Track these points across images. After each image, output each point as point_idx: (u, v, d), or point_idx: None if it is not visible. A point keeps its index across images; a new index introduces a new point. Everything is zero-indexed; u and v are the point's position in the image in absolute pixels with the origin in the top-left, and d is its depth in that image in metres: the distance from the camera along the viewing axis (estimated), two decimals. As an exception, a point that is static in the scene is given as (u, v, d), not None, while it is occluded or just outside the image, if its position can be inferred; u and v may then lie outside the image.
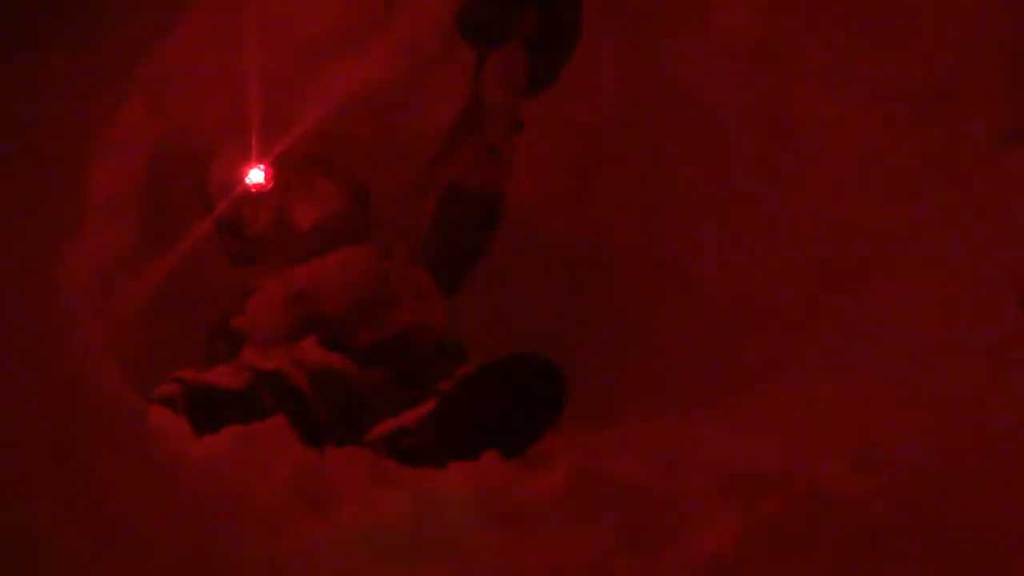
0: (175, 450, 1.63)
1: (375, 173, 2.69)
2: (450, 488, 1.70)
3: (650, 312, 2.52)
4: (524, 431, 1.88)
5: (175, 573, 1.29)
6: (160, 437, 1.58)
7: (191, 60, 2.63)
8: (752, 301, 2.39)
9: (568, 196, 2.64)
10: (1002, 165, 1.97)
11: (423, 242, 2.42)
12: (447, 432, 1.92)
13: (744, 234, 2.43)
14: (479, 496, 1.63)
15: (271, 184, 2.42)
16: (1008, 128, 1.96)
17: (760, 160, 2.39)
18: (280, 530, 1.50)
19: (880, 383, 2.01)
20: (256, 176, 2.40)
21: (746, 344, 2.34)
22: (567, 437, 2.00)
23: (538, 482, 1.67)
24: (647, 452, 1.83)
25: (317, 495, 1.61)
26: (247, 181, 2.41)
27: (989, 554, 1.50)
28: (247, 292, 2.36)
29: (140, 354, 2.35)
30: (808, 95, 2.28)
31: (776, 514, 1.54)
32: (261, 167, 2.40)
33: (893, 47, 2.14)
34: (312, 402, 2.09)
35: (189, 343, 2.35)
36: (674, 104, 2.49)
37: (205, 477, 1.57)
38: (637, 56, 2.53)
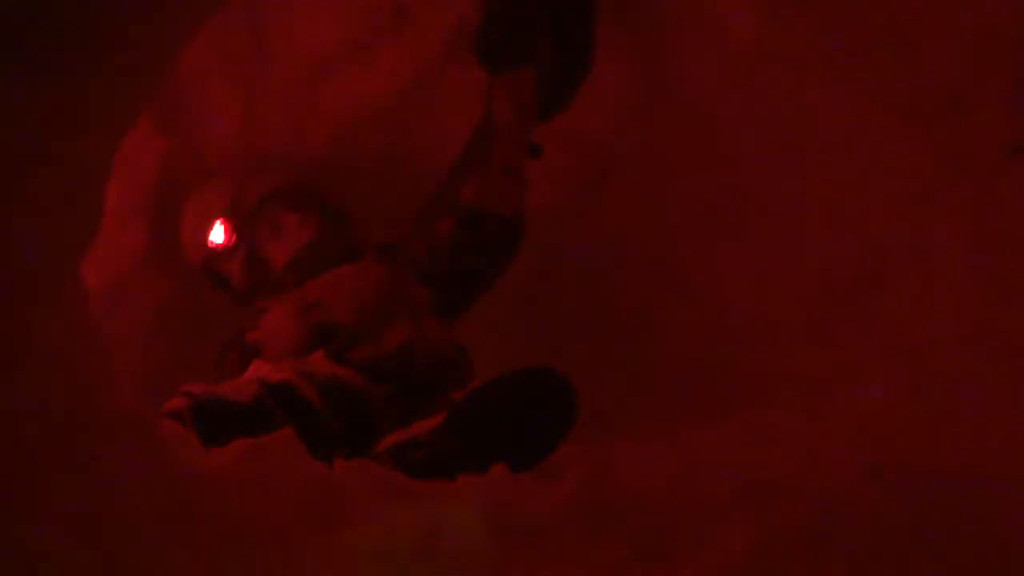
0: (185, 464, 1.63)
1: (382, 185, 2.70)
2: (461, 501, 1.69)
3: (660, 323, 2.52)
4: (535, 445, 1.88)
5: (186, 588, 1.29)
6: (170, 451, 1.58)
7: (200, 72, 2.64)
8: (762, 311, 2.38)
9: (576, 208, 2.64)
10: (1011, 175, 1.97)
11: (436, 263, 2.42)
12: (457, 444, 1.92)
13: (754, 245, 2.43)
14: (490, 509, 1.63)
15: (233, 238, 2.45)
16: (1017, 138, 1.96)
17: (769, 171, 2.39)
18: (290, 544, 1.49)
19: (891, 393, 2.00)
20: (217, 235, 2.44)
21: (756, 354, 2.33)
22: (578, 449, 1.99)
23: (549, 495, 1.67)
24: (659, 464, 1.83)
25: (327, 509, 1.61)
26: (210, 242, 2.45)
27: (1001, 564, 1.49)
28: (260, 310, 2.38)
29: (151, 367, 2.35)
30: (817, 107, 2.28)
31: (788, 525, 1.54)
32: (220, 224, 2.44)
33: (901, 57, 2.14)
34: (322, 415, 2.09)
35: (199, 356, 2.35)
36: (682, 115, 2.49)
37: (214, 491, 1.57)
38: (644, 67, 2.54)
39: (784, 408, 2.08)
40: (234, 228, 2.45)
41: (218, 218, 2.45)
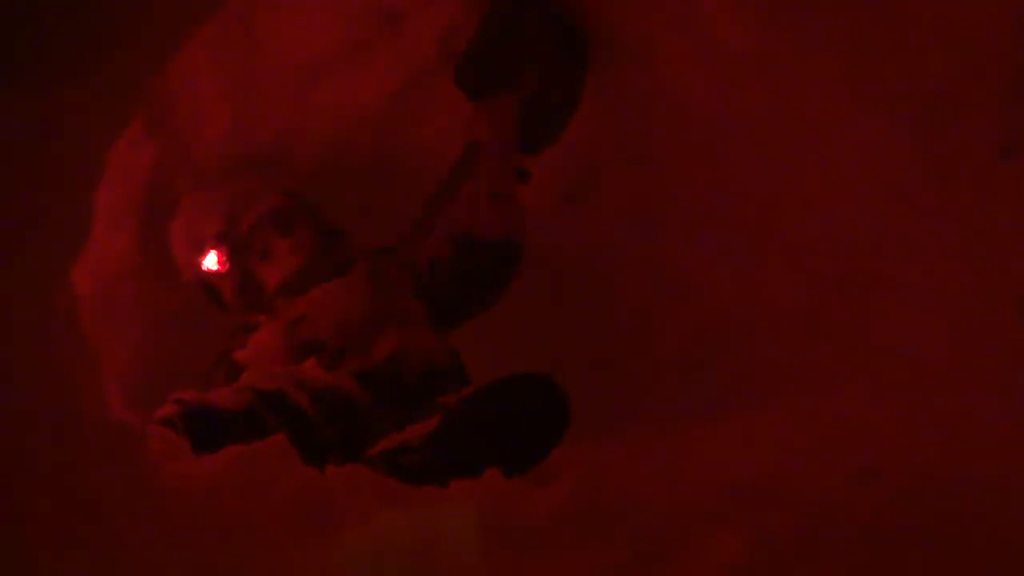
0: (176, 471, 1.62)
1: (372, 188, 2.70)
2: (453, 506, 1.69)
3: (652, 326, 2.52)
4: (528, 450, 1.88)
5: (177, 595, 1.28)
6: (160, 459, 1.57)
7: (191, 77, 2.64)
8: (754, 314, 2.38)
9: (570, 210, 2.64)
10: (1003, 177, 1.98)
11: (432, 285, 2.40)
12: (449, 449, 1.92)
13: (745, 247, 2.43)
14: (482, 514, 1.63)
15: (226, 265, 2.44)
16: (1009, 140, 1.96)
17: (759, 173, 2.39)
18: (282, 551, 1.49)
19: (883, 396, 2.01)
20: (211, 262, 2.44)
21: (749, 358, 2.33)
22: (570, 453, 1.99)
23: (542, 499, 1.67)
24: (651, 467, 1.83)
25: (319, 515, 1.60)
26: (204, 267, 2.45)
27: (993, 567, 1.49)
28: (248, 328, 2.37)
29: (141, 374, 2.35)
30: (809, 109, 2.28)
31: (784, 527, 1.54)
32: (213, 253, 2.44)
33: (892, 59, 2.15)
34: (314, 421, 2.09)
35: (190, 363, 2.35)
36: (675, 118, 2.49)
37: (206, 498, 1.56)
38: (635, 68, 2.54)
39: (778, 411, 2.08)
40: (227, 256, 2.44)
41: (210, 244, 2.44)
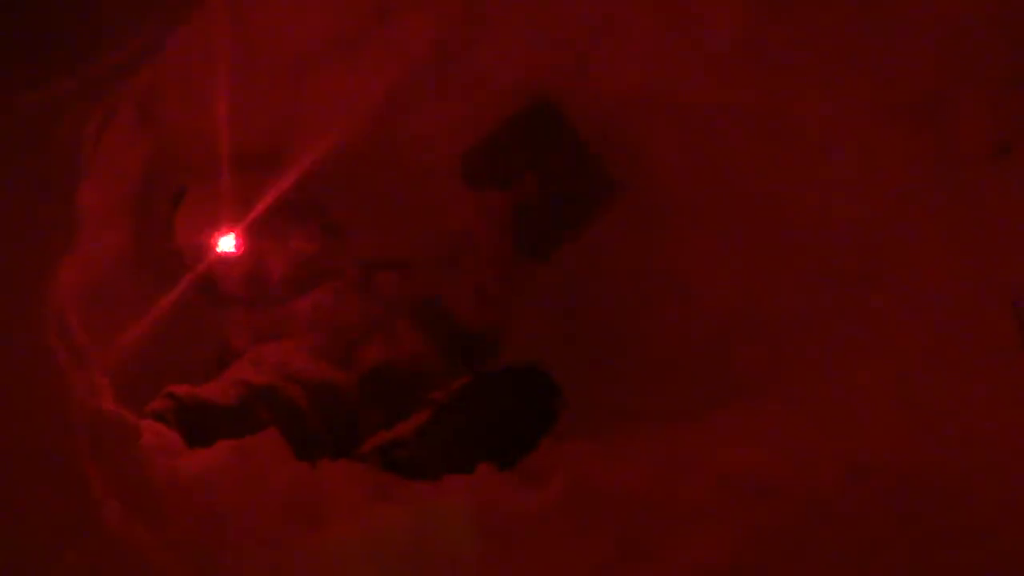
0: (169, 466, 1.62)
1: (366, 180, 2.69)
2: (447, 501, 1.70)
3: (645, 323, 2.52)
4: (517, 441, 1.89)
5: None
6: (154, 453, 1.57)
7: (182, 71, 2.63)
8: (747, 311, 2.39)
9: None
10: (996, 174, 1.98)
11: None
12: (441, 443, 1.93)
13: (738, 244, 2.43)
14: (476, 509, 1.63)
15: (242, 250, 2.42)
16: (1002, 137, 1.97)
17: (753, 170, 2.40)
18: (275, 544, 1.49)
19: (874, 393, 2.01)
20: (228, 244, 2.41)
21: (741, 354, 2.34)
22: (563, 449, 2.00)
23: (535, 494, 1.68)
24: (643, 463, 1.83)
25: (312, 509, 1.61)
26: (219, 250, 2.41)
27: (982, 562, 1.50)
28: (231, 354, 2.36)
29: (132, 369, 2.34)
30: (802, 105, 2.28)
31: (772, 524, 1.55)
32: (232, 236, 2.40)
33: (888, 57, 2.15)
34: (306, 414, 2.10)
35: (182, 359, 2.34)
36: (667, 113, 2.50)
37: (199, 492, 1.56)
38: (629, 63, 2.54)
39: (769, 408, 2.09)
40: (244, 239, 2.42)
41: (227, 225, 2.42)
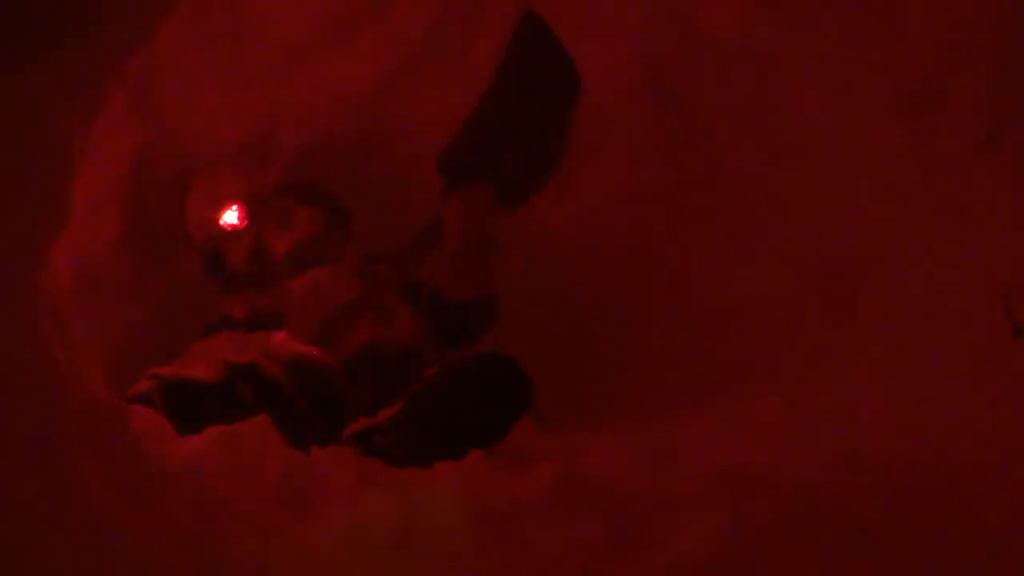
0: (159, 453, 1.62)
1: (360, 171, 2.69)
2: (436, 489, 1.70)
3: (638, 311, 2.52)
4: (490, 428, 1.90)
5: (160, 576, 1.28)
6: (143, 440, 1.57)
7: (175, 57, 2.62)
8: (739, 300, 2.39)
9: (558, 196, 2.64)
10: (986, 166, 1.98)
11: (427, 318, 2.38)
12: (415, 430, 1.93)
13: (730, 234, 2.43)
14: (466, 496, 1.63)
15: (245, 222, 2.46)
16: (993, 128, 1.97)
17: (746, 161, 2.39)
18: (266, 532, 1.49)
19: (866, 382, 2.01)
20: (231, 217, 2.45)
21: (733, 343, 2.34)
22: (553, 437, 2.00)
23: (525, 482, 1.68)
24: (634, 452, 1.83)
25: (303, 496, 1.61)
26: (223, 222, 2.46)
27: (974, 552, 1.50)
28: (231, 322, 2.36)
29: (123, 357, 2.34)
30: (795, 99, 2.29)
31: (762, 513, 1.55)
32: (235, 208, 2.45)
33: (879, 49, 2.15)
34: (288, 392, 2.10)
35: (173, 346, 2.34)
36: (661, 105, 2.49)
37: (189, 479, 1.56)
38: (623, 55, 2.53)
39: (761, 398, 2.09)
40: (247, 212, 2.45)
41: (232, 200, 2.46)
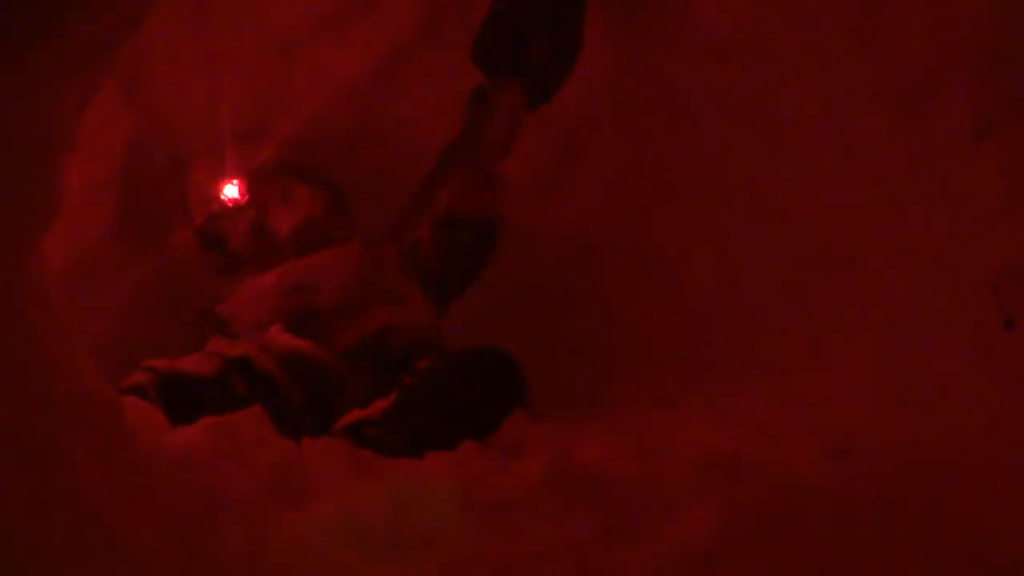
0: (152, 443, 1.62)
1: (355, 162, 2.68)
2: (429, 479, 1.70)
3: (628, 303, 2.52)
4: (481, 420, 1.90)
5: (153, 567, 1.28)
6: (136, 431, 1.57)
7: (168, 47, 2.61)
8: (730, 292, 2.39)
9: (545, 190, 2.64)
10: (978, 157, 1.99)
11: (420, 264, 2.41)
12: (407, 421, 1.94)
13: (722, 226, 2.43)
14: (458, 487, 1.64)
15: (247, 198, 2.45)
16: (984, 120, 1.97)
17: (739, 153, 2.40)
18: (258, 522, 1.49)
19: (856, 374, 2.02)
20: (231, 191, 2.45)
21: (723, 335, 2.35)
22: (546, 428, 2.00)
23: (517, 473, 1.68)
24: (625, 442, 1.84)
25: (296, 487, 1.61)
26: (223, 197, 2.45)
27: (964, 543, 1.51)
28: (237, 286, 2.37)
29: (116, 347, 2.34)
30: (786, 92, 2.29)
31: (754, 503, 1.55)
32: (235, 182, 2.45)
33: (872, 42, 2.15)
34: (282, 386, 2.10)
35: (166, 336, 2.34)
36: (655, 97, 2.49)
37: (182, 470, 1.56)
38: (620, 49, 2.53)
39: (750, 389, 2.10)
40: (248, 188, 2.45)
41: (233, 177, 2.45)
